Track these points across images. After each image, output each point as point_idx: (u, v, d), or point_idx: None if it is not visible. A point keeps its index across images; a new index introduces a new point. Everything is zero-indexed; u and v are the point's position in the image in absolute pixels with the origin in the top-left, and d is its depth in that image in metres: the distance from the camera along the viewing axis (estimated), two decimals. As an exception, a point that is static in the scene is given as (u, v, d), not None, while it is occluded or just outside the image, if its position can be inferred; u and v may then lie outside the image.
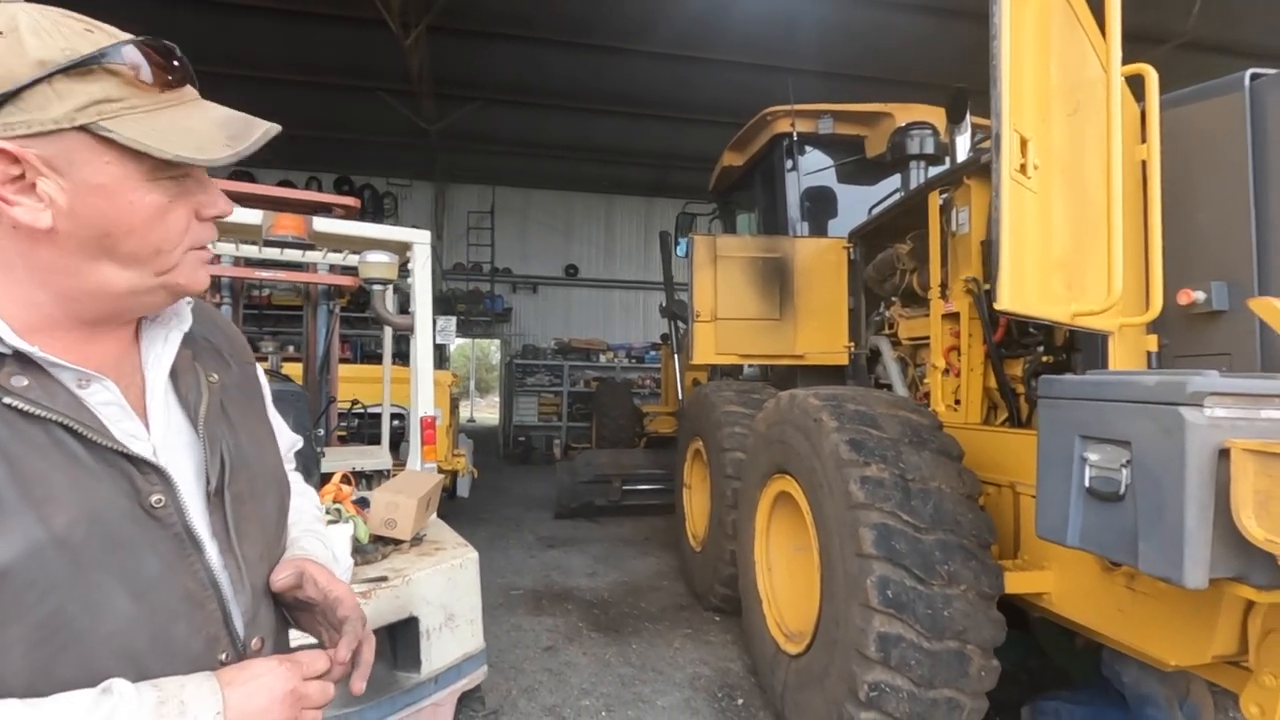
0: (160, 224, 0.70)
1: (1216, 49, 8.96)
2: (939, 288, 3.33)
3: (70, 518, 0.64)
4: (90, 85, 0.64)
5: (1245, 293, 1.91)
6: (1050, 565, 2.43)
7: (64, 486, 0.65)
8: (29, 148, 0.63)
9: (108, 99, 0.65)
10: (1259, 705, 1.79)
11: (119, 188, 0.66)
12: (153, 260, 0.71)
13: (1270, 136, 1.89)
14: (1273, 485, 1.26)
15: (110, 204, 0.66)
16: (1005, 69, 1.36)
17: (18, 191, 0.64)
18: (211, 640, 0.73)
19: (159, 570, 0.70)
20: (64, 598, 0.62)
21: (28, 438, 0.64)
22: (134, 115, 0.66)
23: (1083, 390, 1.63)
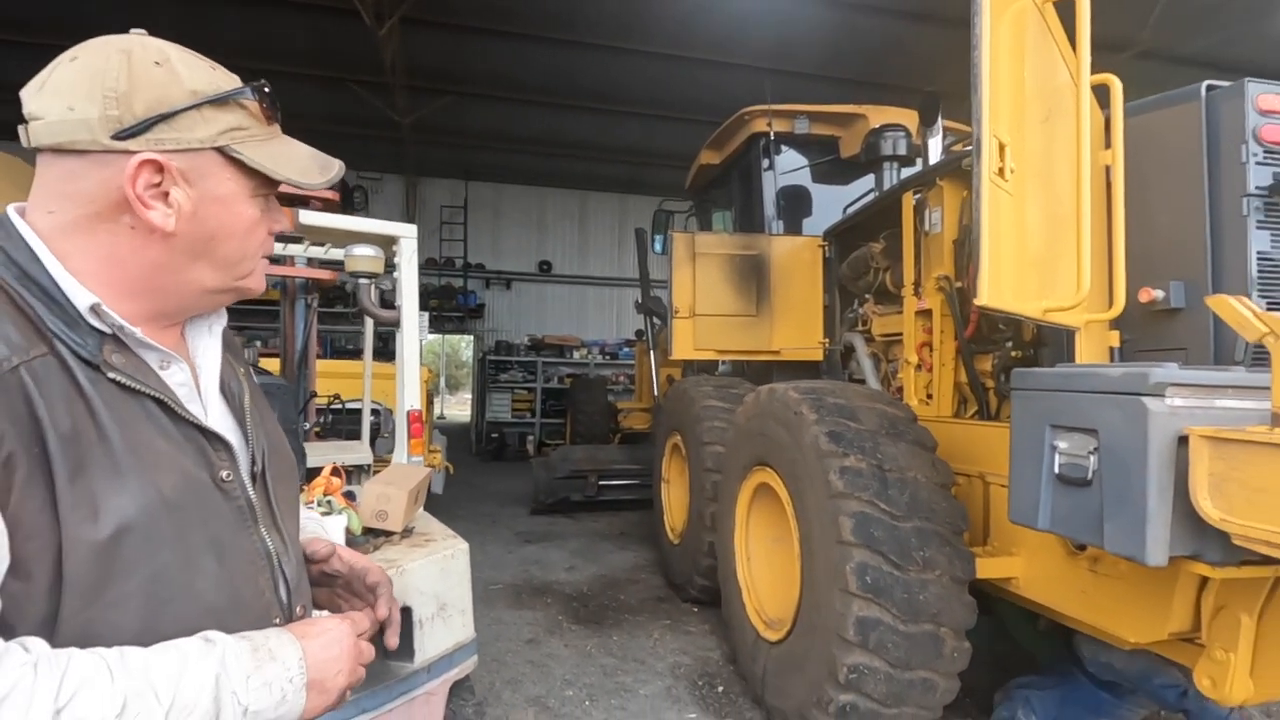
0: (252, 234, 0.82)
1: (1172, 59, 9.32)
2: (912, 285, 3.44)
3: (173, 483, 0.71)
4: (227, 115, 0.77)
5: (1201, 291, 2.03)
6: (1018, 551, 2.54)
7: (165, 454, 0.72)
8: (173, 161, 0.74)
9: (239, 127, 0.78)
10: (1210, 678, 1.91)
11: (233, 200, 0.79)
12: (238, 264, 0.82)
13: (1223, 144, 2.02)
14: (1226, 468, 1.36)
15: (226, 212, 0.79)
16: (985, 77, 1.44)
17: (154, 197, 0.73)
18: (267, 604, 0.81)
19: (230, 537, 0.78)
20: (170, 555, 0.70)
21: (129, 409, 0.71)
22: (254, 142, 0.79)
23: (1053, 382, 1.72)
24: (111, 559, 0.65)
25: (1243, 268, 1.96)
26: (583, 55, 9.95)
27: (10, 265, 0.71)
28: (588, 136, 12.54)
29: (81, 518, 0.64)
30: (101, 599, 0.65)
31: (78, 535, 0.64)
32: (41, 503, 0.63)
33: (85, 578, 0.64)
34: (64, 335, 0.70)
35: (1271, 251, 1.98)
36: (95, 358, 0.71)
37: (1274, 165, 1.96)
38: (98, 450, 0.67)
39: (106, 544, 0.65)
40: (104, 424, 0.68)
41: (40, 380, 0.66)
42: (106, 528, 0.65)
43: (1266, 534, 1.28)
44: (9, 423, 0.63)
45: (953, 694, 2.44)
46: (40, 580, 0.63)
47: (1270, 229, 1.97)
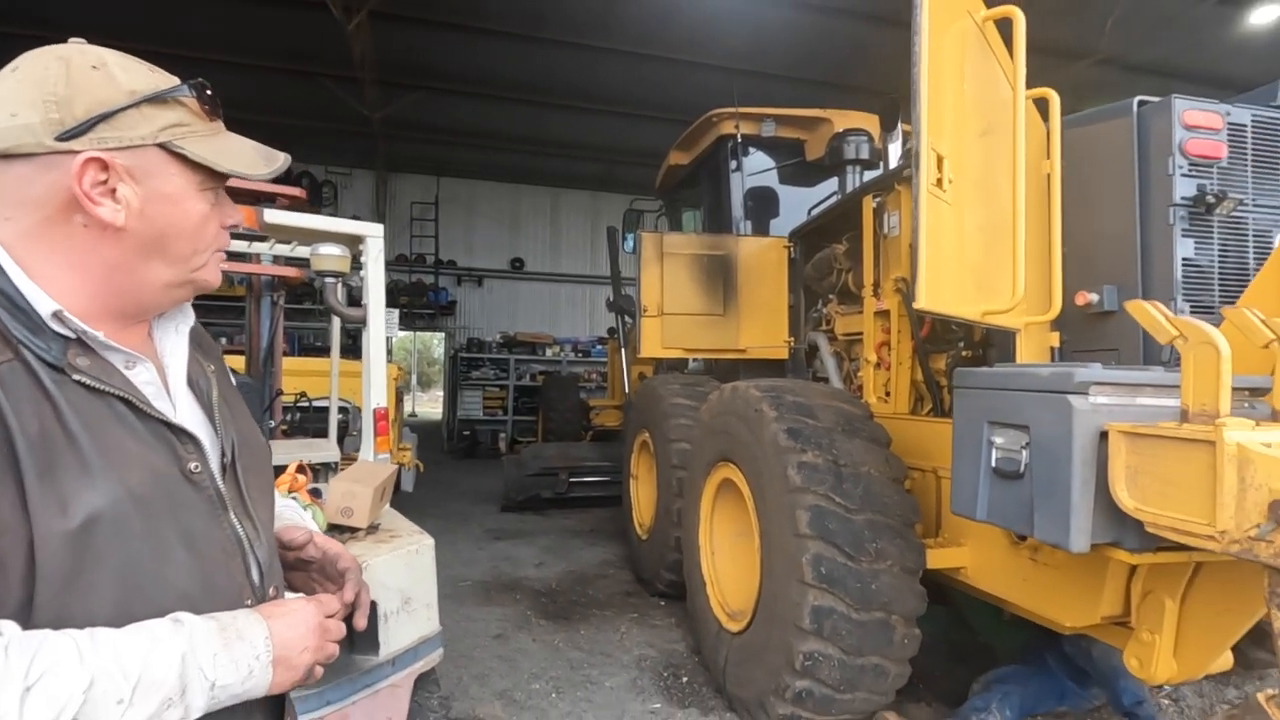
0: (203, 228, 0.85)
1: (1127, 67, 9.63)
2: (871, 287, 3.55)
3: (140, 478, 0.75)
4: (167, 112, 0.80)
5: (1132, 295, 2.15)
6: (966, 542, 2.66)
7: (132, 451, 0.76)
8: (116, 159, 0.77)
9: (180, 124, 0.81)
10: (1138, 658, 2.04)
11: (181, 196, 0.81)
12: (191, 259, 0.85)
13: (1152, 157, 2.14)
14: (1140, 461, 1.47)
15: (173, 209, 0.81)
16: (924, 94, 1.52)
17: (103, 194, 0.76)
18: (240, 588, 0.85)
19: (201, 527, 0.82)
20: (139, 545, 0.74)
21: (95, 409, 0.75)
22: (196, 138, 0.82)
23: (991, 381, 1.82)
24: (83, 549, 0.69)
25: (1169, 273, 2.08)
26: (555, 52, 9.95)
27: None
28: (560, 134, 12.53)
29: (52, 513, 0.68)
30: (74, 587, 0.69)
31: (49, 528, 0.67)
32: (12, 502, 0.67)
33: (58, 568, 0.68)
34: (28, 342, 0.73)
35: (1195, 258, 2.10)
36: (60, 361, 0.74)
37: (1198, 177, 2.09)
38: (66, 451, 0.71)
39: (77, 535, 0.69)
40: (70, 425, 0.72)
41: (6, 386, 0.69)
42: (76, 520, 0.69)
43: (1174, 521, 1.39)
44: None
45: (903, 679, 2.54)
46: (14, 570, 0.67)
47: (1194, 237, 2.09)
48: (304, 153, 12.51)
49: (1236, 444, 1.27)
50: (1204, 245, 2.11)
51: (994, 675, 2.87)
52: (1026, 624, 3.01)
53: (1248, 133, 2.15)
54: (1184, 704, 3.09)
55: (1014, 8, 1.84)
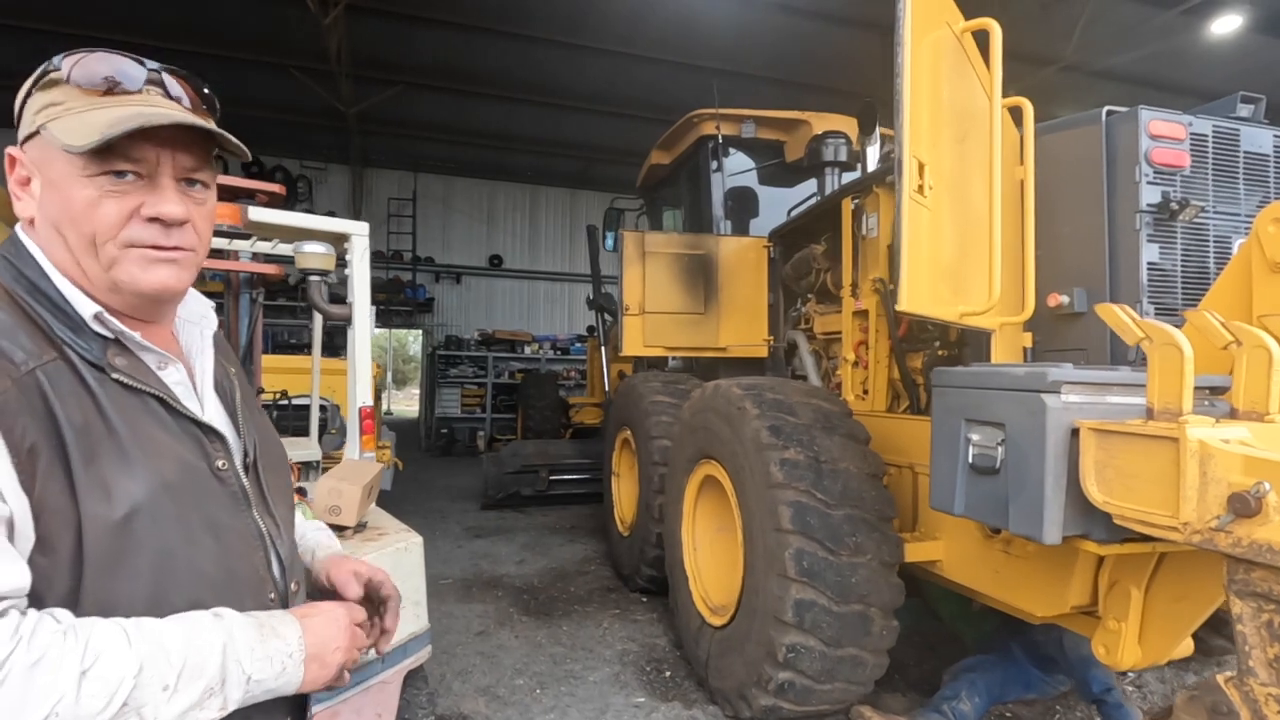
0: (91, 215, 0.78)
1: (1093, 73, 9.89)
2: (850, 287, 3.62)
3: (172, 469, 0.79)
4: (48, 93, 0.79)
5: (1100, 297, 2.23)
6: (941, 536, 2.74)
7: (165, 444, 0.80)
8: (26, 151, 0.80)
9: (53, 103, 0.78)
10: (1105, 646, 2.12)
11: (64, 182, 0.78)
12: (93, 252, 0.79)
13: (1120, 164, 2.23)
14: (1108, 457, 1.54)
15: (59, 195, 0.78)
16: (907, 104, 1.57)
17: (22, 190, 0.80)
18: (262, 580, 0.89)
19: (226, 519, 0.85)
20: (174, 534, 0.77)
21: (131, 405, 0.79)
22: (69, 116, 0.77)
23: (967, 380, 1.89)
24: (124, 536, 0.73)
25: (1135, 276, 2.17)
26: (534, 49, 9.92)
27: (21, 279, 0.79)
28: (538, 131, 12.50)
29: (97, 499, 0.72)
30: (117, 572, 0.73)
31: (94, 514, 0.71)
32: (61, 486, 0.71)
33: (103, 553, 0.72)
34: (71, 341, 0.77)
35: (1160, 262, 2.19)
36: (100, 360, 0.78)
37: (1163, 185, 2.18)
38: (107, 441, 0.74)
39: (120, 523, 0.72)
40: (111, 418, 0.75)
41: (54, 381, 0.73)
42: (120, 508, 0.73)
43: (1139, 514, 1.46)
44: (30, 418, 0.70)
45: (881, 670, 2.61)
46: (63, 555, 0.70)
47: (1159, 242, 2.18)
48: (277, 147, 12.33)
49: (1198, 440, 1.34)
50: (1168, 250, 2.20)
51: (963, 665, 2.96)
52: (993, 614, 3.12)
53: (1209, 143, 2.25)
54: (1147, 690, 3.22)
55: (991, 20, 1.91)
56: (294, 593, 0.94)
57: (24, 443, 0.69)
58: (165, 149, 0.80)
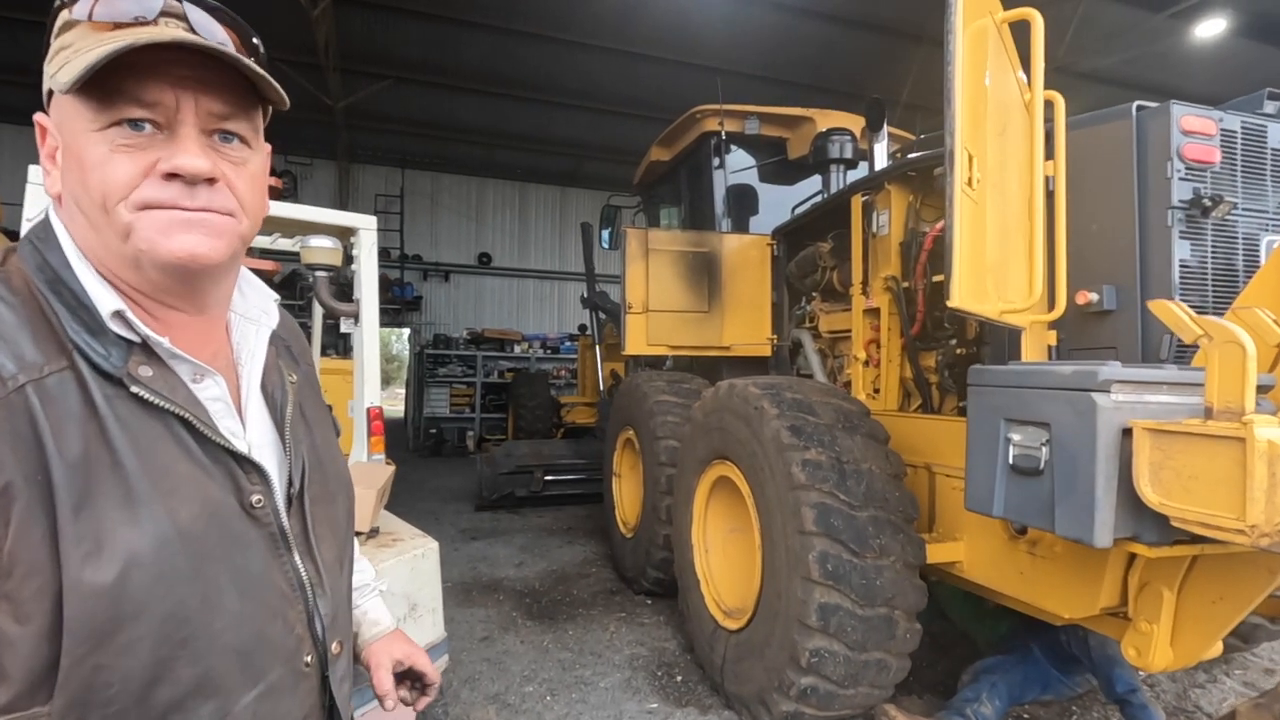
0: (101, 175, 0.64)
1: (1078, 75, 10.01)
2: (860, 285, 3.58)
3: (192, 512, 0.65)
4: (61, 39, 0.65)
5: (1131, 295, 2.21)
6: (962, 536, 2.70)
7: (185, 480, 0.65)
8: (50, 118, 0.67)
9: (65, 47, 0.64)
10: (1136, 648, 2.10)
11: (77, 142, 0.65)
12: (108, 220, 0.65)
13: (1150, 160, 2.20)
14: (1164, 457, 1.50)
15: (70, 157, 0.66)
16: (958, 92, 1.53)
17: (51, 163, 0.67)
18: (298, 641, 0.74)
19: (260, 569, 0.71)
20: (186, 592, 0.63)
21: (148, 429, 0.65)
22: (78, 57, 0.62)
23: (1007, 379, 1.84)
24: (119, 600, 0.59)
25: (1167, 274, 2.14)
26: (524, 44, 9.83)
27: (45, 268, 0.66)
28: (528, 128, 12.41)
29: (85, 553, 0.58)
30: (109, 645, 0.59)
31: (80, 574, 0.58)
32: (41, 537, 0.57)
33: (89, 621, 0.58)
34: (86, 346, 0.63)
35: (1191, 259, 2.17)
36: (119, 370, 0.64)
37: (1194, 181, 2.15)
38: (109, 477, 0.61)
39: (114, 584, 0.59)
40: (118, 448, 0.62)
41: (51, 400, 0.60)
42: (113, 565, 0.59)
43: (1200, 515, 1.42)
44: (9, 449, 0.57)
45: (904, 673, 2.58)
46: (38, 623, 0.57)
47: (1191, 239, 2.16)
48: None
49: (1267, 440, 1.30)
50: (1198, 247, 2.18)
51: (981, 666, 2.93)
52: (1006, 614, 3.09)
53: (1238, 139, 2.23)
54: (1160, 689, 3.22)
55: (1033, 10, 1.87)
56: (335, 656, 0.79)
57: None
58: (186, 90, 0.65)
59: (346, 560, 0.87)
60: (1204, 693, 3.19)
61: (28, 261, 0.66)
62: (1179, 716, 3.01)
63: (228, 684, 0.66)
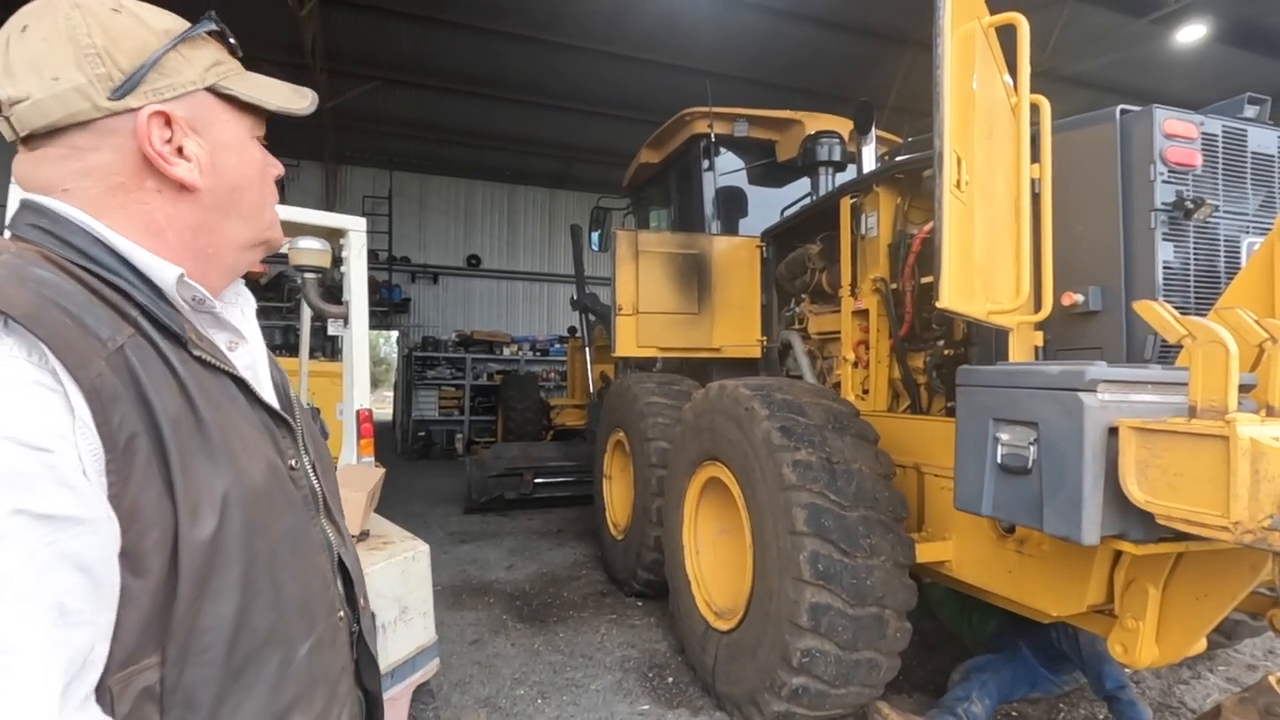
0: (265, 177, 0.78)
1: (1060, 79, 10.12)
2: (849, 286, 3.60)
3: (260, 469, 0.69)
4: (204, 51, 0.72)
5: (1115, 296, 2.24)
6: (950, 535, 2.72)
7: (250, 439, 0.70)
8: (176, 110, 0.69)
9: (219, 62, 0.73)
10: (1122, 644, 2.12)
11: (241, 142, 0.75)
12: (261, 212, 0.78)
13: (1134, 163, 2.23)
14: (1149, 455, 1.52)
15: (239, 157, 0.74)
16: (947, 97, 1.54)
17: (173, 153, 0.69)
18: (333, 598, 0.79)
19: (304, 527, 0.75)
20: (260, 544, 0.67)
21: (216, 390, 0.68)
22: (236, 76, 0.74)
23: (995, 379, 1.86)
24: (217, 549, 0.63)
25: (1151, 275, 2.17)
26: (512, 46, 9.81)
27: (68, 248, 0.65)
28: (516, 129, 12.38)
29: (193, 506, 0.62)
30: (207, 591, 0.62)
31: (190, 524, 0.61)
32: (159, 491, 0.60)
33: (196, 571, 0.61)
34: (152, 310, 0.65)
35: (1174, 261, 2.20)
36: (183, 333, 0.67)
37: (1177, 184, 2.18)
38: (196, 434, 0.64)
39: (213, 536, 0.63)
40: (199, 406, 0.65)
41: (144, 359, 0.62)
42: (213, 516, 0.63)
43: (1185, 512, 1.44)
44: (129, 404, 0.59)
45: (894, 672, 2.59)
46: (156, 575, 0.60)
47: (1174, 241, 2.19)
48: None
49: (1250, 438, 1.33)
50: (1181, 249, 2.21)
51: (971, 664, 2.95)
52: (993, 613, 3.12)
53: (1219, 143, 2.26)
54: (1145, 686, 3.25)
55: (1018, 15, 1.90)
56: (363, 609, 0.85)
57: (121, 435, 0.58)
58: None
59: None
60: (1188, 689, 3.23)
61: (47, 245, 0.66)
62: (1164, 713, 3.04)
63: (290, 633, 0.70)
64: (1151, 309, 1.54)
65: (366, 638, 0.86)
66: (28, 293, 0.58)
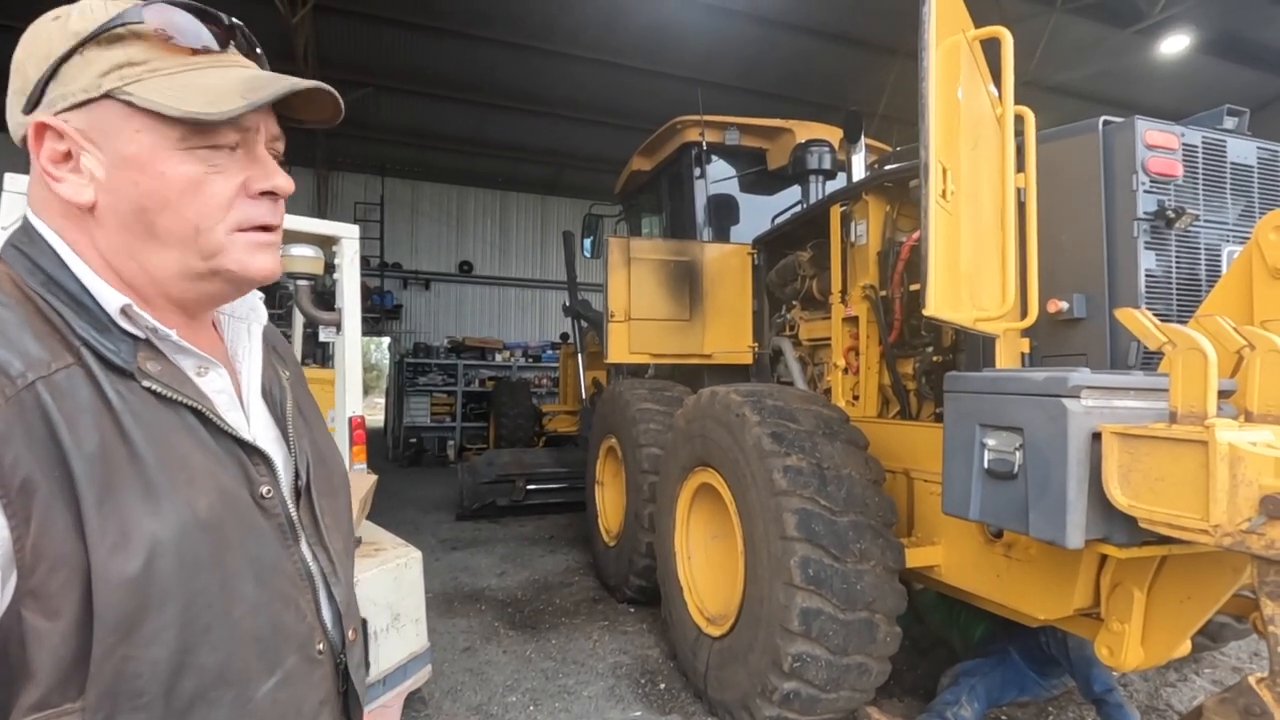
0: (195, 197, 0.66)
1: (1046, 88, 10.26)
2: (839, 293, 3.63)
3: (210, 501, 0.65)
4: (116, 51, 0.64)
5: (1100, 304, 2.27)
6: (940, 540, 2.75)
7: (201, 470, 0.66)
8: (69, 121, 0.64)
9: (130, 63, 0.64)
10: (1108, 647, 2.15)
11: (150, 158, 0.65)
12: (195, 240, 0.68)
13: (1117, 173, 2.27)
14: (1132, 460, 1.55)
15: (143, 175, 0.65)
16: (933, 109, 1.58)
17: (68, 169, 0.65)
18: (310, 629, 0.75)
19: (272, 558, 0.72)
20: (207, 580, 0.64)
21: (162, 420, 0.65)
22: (156, 78, 0.64)
23: (982, 385, 1.89)
24: (146, 588, 0.60)
25: (1134, 283, 2.21)
26: (504, 53, 9.85)
27: (36, 271, 0.65)
28: (508, 136, 12.41)
29: (111, 544, 0.58)
30: (136, 634, 0.59)
31: (108, 565, 0.58)
32: (65, 529, 0.57)
33: (117, 610, 0.58)
34: (94, 342, 0.64)
35: (1156, 269, 2.24)
36: (129, 365, 0.65)
37: (1159, 194, 2.23)
38: (128, 469, 0.61)
39: (140, 573, 0.59)
40: (134, 440, 0.62)
41: (62, 396, 0.60)
42: (139, 554, 0.59)
43: (1166, 516, 1.47)
44: (25, 445, 0.57)
45: (884, 676, 2.61)
46: (68, 616, 0.57)
47: (1156, 250, 2.23)
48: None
49: (1228, 443, 1.36)
50: (1163, 257, 2.25)
51: (960, 669, 2.97)
52: (982, 617, 3.15)
53: (1199, 153, 2.31)
54: (1132, 689, 3.28)
55: (1002, 28, 1.94)
56: (351, 642, 0.81)
57: (13, 478, 0.56)
58: (265, 116, 0.70)
59: (351, 551, 0.89)
60: (1175, 691, 3.26)
61: (16, 265, 0.66)
62: (1152, 715, 3.07)
63: (248, 671, 0.67)
64: (1133, 316, 1.57)
65: (353, 673, 0.81)
66: None
